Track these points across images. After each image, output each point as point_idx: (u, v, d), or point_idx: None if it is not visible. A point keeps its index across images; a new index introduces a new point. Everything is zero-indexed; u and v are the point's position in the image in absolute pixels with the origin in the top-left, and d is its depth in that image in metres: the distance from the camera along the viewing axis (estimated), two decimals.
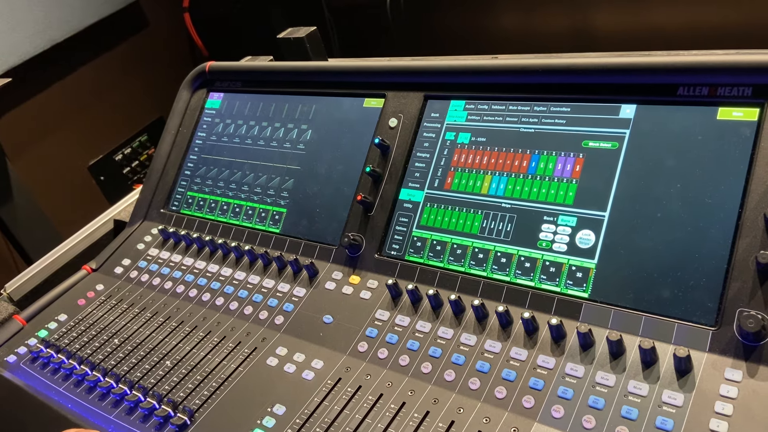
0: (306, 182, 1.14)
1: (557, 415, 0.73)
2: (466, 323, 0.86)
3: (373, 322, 0.92)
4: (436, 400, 0.79)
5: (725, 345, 0.71)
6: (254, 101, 1.29)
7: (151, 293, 1.14)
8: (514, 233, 0.90)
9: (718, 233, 0.76)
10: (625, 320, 0.78)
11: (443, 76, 1.04)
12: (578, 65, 0.91)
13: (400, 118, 1.06)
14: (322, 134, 1.16)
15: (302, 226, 1.11)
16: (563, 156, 0.90)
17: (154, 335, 1.03)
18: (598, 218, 0.85)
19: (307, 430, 0.81)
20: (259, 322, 1.00)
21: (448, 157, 1.00)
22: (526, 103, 0.96)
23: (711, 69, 0.81)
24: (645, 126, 0.86)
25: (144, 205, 1.32)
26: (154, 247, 1.23)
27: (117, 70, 2.52)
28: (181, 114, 1.37)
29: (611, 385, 0.73)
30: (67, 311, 1.15)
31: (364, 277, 0.99)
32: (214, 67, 1.35)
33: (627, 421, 0.69)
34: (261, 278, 1.07)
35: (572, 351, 0.78)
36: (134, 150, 2.59)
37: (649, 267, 0.79)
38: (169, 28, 2.68)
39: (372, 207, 1.03)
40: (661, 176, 0.82)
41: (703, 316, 0.74)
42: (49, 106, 2.32)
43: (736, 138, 0.79)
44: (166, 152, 1.35)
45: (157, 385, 0.94)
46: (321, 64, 1.23)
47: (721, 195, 0.77)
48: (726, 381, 0.69)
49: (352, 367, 0.88)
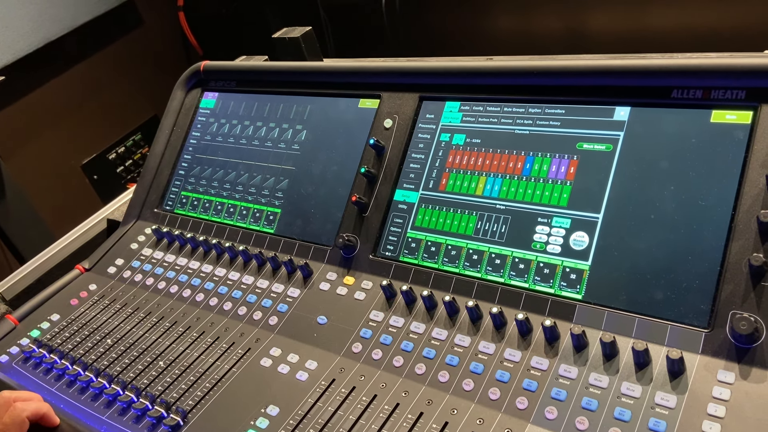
0: (301, 183, 1.13)
1: (551, 417, 0.73)
2: (461, 324, 0.86)
3: (367, 323, 0.92)
4: (430, 401, 0.79)
5: (718, 347, 0.71)
6: (249, 101, 1.28)
7: (145, 293, 1.13)
8: (508, 235, 0.90)
9: (712, 235, 0.76)
10: (619, 322, 0.78)
11: (438, 77, 1.05)
12: (573, 67, 0.91)
13: (395, 119, 1.06)
14: (317, 135, 1.16)
15: (297, 226, 1.11)
16: (558, 158, 0.90)
17: (148, 335, 1.03)
18: (592, 220, 0.85)
19: (301, 431, 0.80)
20: (252, 323, 1.00)
21: (443, 159, 1.00)
22: (521, 105, 0.96)
23: (705, 72, 0.82)
24: (639, 128, 0.86)
25: (138, 205, 1.32)
26: (147, 246, 1.23)
27: (111, 68, 2.51)
28: (176, 113, 1.37)
29: (604, 387, 0.73)
30: (59, 311, 1.14)
31: (359, 277, 0.99)
32: (208, 67, 1.35)
33: (620, 423, 0.70)
34: (255, 279, 1.06)
35: (566, 352, 0.78)
36: (128, 149, 2.58)
37: (643, 269, 0.79)
38: (163, 27, 2.67)
39: (367, 208, 1.03)
40: (654, 178, 0.82)
41: (696, 318, 0.74)
42: (42, 104, 2.30)
43: (729, 141, 0.79)
44: (160, 152, 1.35)
45: (150, 385, 0.93)
46: (316, 64, 1.22)
47: (715, 197, 0.78)
48: (719, 383, 0.69)
49: (346, 368, 0.88)
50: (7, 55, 2.06)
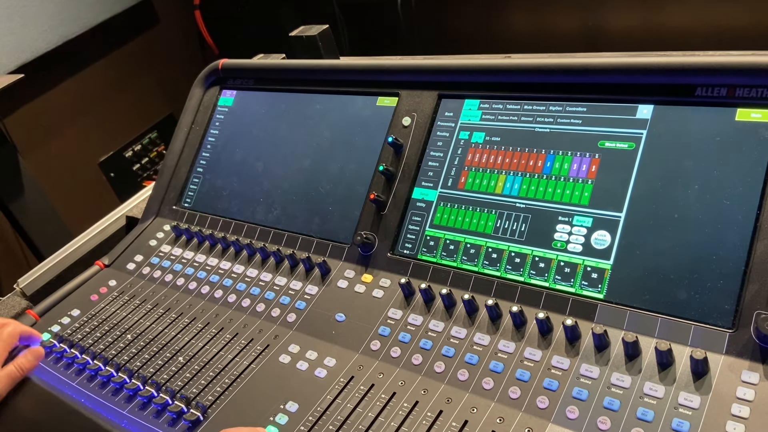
0: (319, 180, 1.14)
1: (572, 416, 0.72)
2: (480, 323, 0.86)
3: (385, 320, 0.92)
4: (450, 399, 0.79)
5: (742, 347, 0.71)
6: (267, 99, 1.29)
7: (164, 289, 1.14)
8: (528, 233, 0.90)
9: (736, 235, 0.75)
10: (641, 322, 0.77)
11: (458, 75, 1.04)
12: (595, 65, 0.91)
13: (413, 117, 1.06)
14: (335, 132, 1.16)
15: (315, 224, 1.11)
16: (579, 156, 0.90)
17: (167, 331, 1.04)
18: (614, 219, 0.84)
19: (320, 427, 0.81)
20: (271, 320, 1.00)
21: (461, 157, 1.00)
22: (541, 103, 0.96)
23: (730, 70, 0.81)
24: (662, 127, 0.85)
25: (156, 202, 1.33)
26: (166, 243, 1.23)
27: (128, 67, 2.53)
28: (194, 111, 1.37)
29: (627, 387, 0.73)
30: (80, 307, 1.15)
31: (377, 275, 0.99)
32: (227, 65, 1.35)
33: (643, 423, 0.69)
34: (273, 276, 1.07)
35: (587, 352, 0.78)
36: (144, 147, 2.60)
37: (666, 268, 0.78)
38: (179, 26, 2.69)
39: (385, 206, 1.03)
40: (678, 177, 0.81)
41: (720, 318, 0.74)
42: (60, 102, 2.33)
43: (754, 139, 0.78)
44: (179, 149, 1.35)
45: (170, 381, 0.94)
46: (334, 62, 1.23)
47: (739, 196, 0.77)
48: (743, 383, 0.68)
49: (364, 365, 0.88)
50: (26, 53, 2.08)
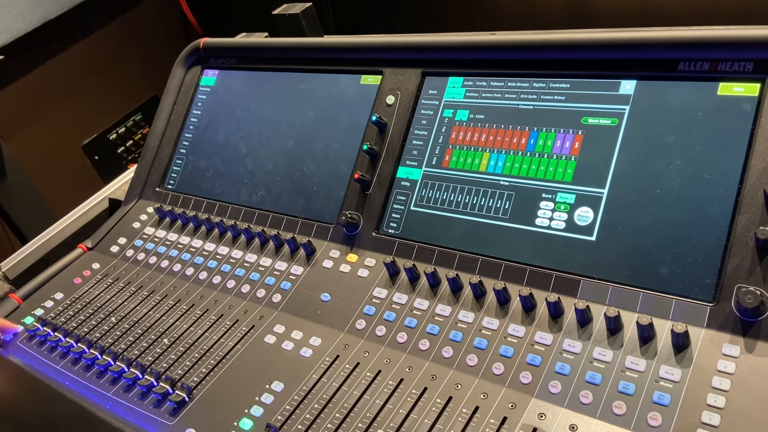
0: (303, 160, 1.13)
1: (555, 391, 0.73)
2: (464, 301, 0.86)
3: (371, 299, 0.92)
4: (434, 376, 0.80)
5: (723, 321, 0.71)
6: (249, 78, 1.27)
7: (148, 272, 1.13)
8: (512, 211, 0.90)
9: (718, 209, 0.76)
10: (623, 297, 0.78)
11: (441, 53, 1.03)
12: (578, 40, 0.90)
13: (397, 96, 1.05)
14: (319, 112, 1.14)
15: (299, 204, 1.10)
16: (562, 133, 0.90)
17: (152, 313, 1.03)
18: (596, 195, 0.84)
19: (306, 406, 0.81)
20: (256, 300, 1.00)
21: (446, 135, 0.99)
22: (524, 80, 0.95)
23: (712, 44, 0.80)
24: (645, 102, 0.85)
25: (139, 184, 1.31)
26: (150, 225, 1.22)
27: (110, 47, 2.49)
28: (176, 91, 1.35)
29: (609, 361, 0.73)
30: (63, 290, 1.14)
31: (362, 255, 0.99)
32: (208, 44, 1.33)
33: (624, 396, 0.70)
34: (258, 257, 1.06)
35: (570, 327, 0.78)
36: (128, 129, 2.57)
37: (648, 243, 0.79)
38: (162, 5, 2.64)
39: (369, 185, 1.03)
40: (660, 152, 0.81)
41: (702, 292, 0.74)
42: (42, 84, 2.29)
43: (736, 113, 0.78)
44: (161, 130, 1.34)
45: (155, 362, 0.94)
46: (317, 40, 1.21)
47: (721, 171, 0.77)
48: (724, 356, 0.69)
49: (350, 344, 0.88)
50: (6, 34, 2.04)
